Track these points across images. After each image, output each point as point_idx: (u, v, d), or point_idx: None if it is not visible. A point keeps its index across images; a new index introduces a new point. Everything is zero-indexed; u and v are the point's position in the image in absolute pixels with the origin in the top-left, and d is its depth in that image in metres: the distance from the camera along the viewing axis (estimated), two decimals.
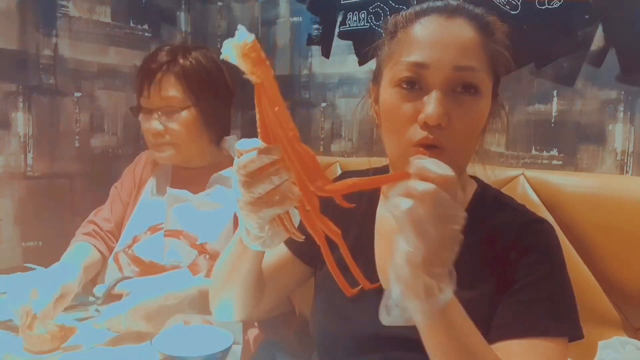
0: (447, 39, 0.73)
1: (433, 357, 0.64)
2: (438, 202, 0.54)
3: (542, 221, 0.83)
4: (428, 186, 0.54)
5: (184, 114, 1.29)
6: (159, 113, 1.29)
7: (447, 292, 0.57)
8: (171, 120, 1.29)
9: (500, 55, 0.78)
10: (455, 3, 0.78)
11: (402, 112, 0.74)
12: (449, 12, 0.76)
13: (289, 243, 1.00)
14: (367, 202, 0.92)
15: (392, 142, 0.77)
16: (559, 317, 0.75)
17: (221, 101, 1.37)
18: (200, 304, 1.03)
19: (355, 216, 0.90)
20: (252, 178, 0.61)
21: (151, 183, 1.41)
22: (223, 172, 1.34)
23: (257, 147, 0.61)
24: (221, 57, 0.58)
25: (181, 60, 1.30)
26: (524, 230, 0.79)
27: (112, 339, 1.02)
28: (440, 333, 0.62)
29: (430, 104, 0.71)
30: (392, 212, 0.56)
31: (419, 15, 0.77)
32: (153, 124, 1.29)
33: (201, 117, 1.31)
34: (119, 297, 1.10)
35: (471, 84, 0.73)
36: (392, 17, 0.82)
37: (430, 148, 0.72)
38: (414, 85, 0.74)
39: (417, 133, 0.73)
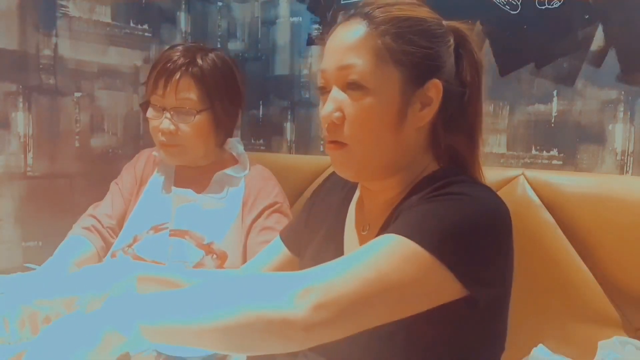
0: (336, 43, 0.81)
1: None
2: None
3: (460, 183, 0.75)
4: None
5: (197, 117, 1.28)
6: (172, 113, 1.28)
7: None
8: (183, 121, 1.28)
9: (388, 45, 0.77)
10: (362, 5, 0.82)
11: (321, 114, 0.82)
12: (349, 16, 0.82)
13: (287, 240, 1.01)
14: (345, 194, 0.95)
15: None
16: (426, 232, 0.68)
17: (233, 105, 1.36)
18: None
19: (332, 207, 0.94)
20: None
21: (153, 182, 1.41)
22: (227, 171, 1.34)
23: None
24: None
25: (200, 62, 1.29)
26: (437, 188, 0.74)
27: None
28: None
29: (325, 104, 0.80)
30: None
31: (333, 28, 0.84)
32: (165, 123, 1.28)
33: (212, 121, 1.31)
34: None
35: (353, 81, 0.78)
36: None
37: (336, 144, 0.80)
38: (325, 89, 0.82)
39: (325, 131, 0.82)
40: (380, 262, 0.66)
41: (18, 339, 0.81)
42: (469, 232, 0.69)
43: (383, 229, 0.80)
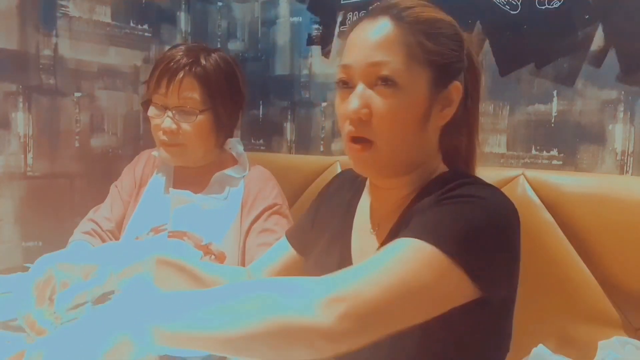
0: (365, 39, 0.80)
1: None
2: None
3: (474, 183, 0.78)
4: None
5: (199, 116, 1.28)
6: (174, 112, 1.28)
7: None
8: (185, 120, 1.28)
9: (423, 45, 0.78)
10: (386, 3, 0.83)
11: (340, 110, 0.82)
12: (373, 14, 0.82)
13: (293, 241, 1.01)
14: (352, 194, 0.95)
15: (342, 136, 0.84)
16: (444, 234, 0.68)
17: (234, 106, 1.36)
18: None
19: (339, 208, 0.94)
20: None
21: (153, 183, 1.41)
22: (226, 171, 1.34)
23: None
24: None
25: (203, 62, 1.29)
26: (451, 187, 0.75)
27: None
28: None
29: (351, 100, 0.79)
30: None
31: (354, 24, 0.84)
32: (167, 122, 1.28)
33: (214, 121, 1.31)
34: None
35: (386, 77, 0.77)
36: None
37: (360, 141, 0.79)
38: (347, 84, 0.81)
39: (347, 127, 0.80)
40: (402, 267, 0.66)
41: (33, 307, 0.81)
42: (484, 234, 0.70)
43: (395, 230, 0.81)
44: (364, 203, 0.92)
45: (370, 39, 0.79)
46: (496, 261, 0.72)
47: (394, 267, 0.66)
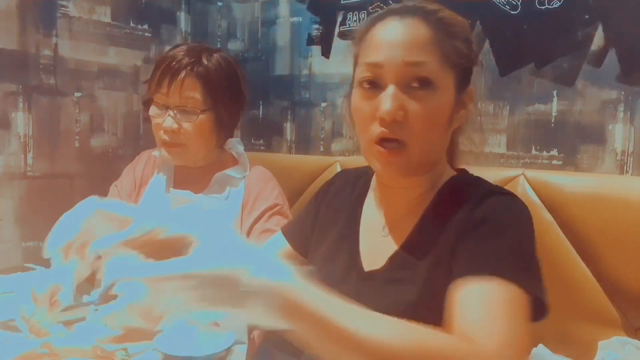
0: (399, 38, 0.78)
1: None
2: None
3: (508, 193, 0.81)
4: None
5: (200, 116, 1.28)
6: (175, 111, 1.28)
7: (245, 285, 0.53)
8: (186, 120, 1.28)
9: (455, 48, 0.79)
10: (411, 4, 0.83)
11: (364, 110, 0.79)
12: (402, 13, 0.80)
13: (291, 237, 1.01)
14: (357, 194, 0.94)
15: (360, 138, 0.82)
16: (515, 263, 0.72)
17: (235, 106, 1.36)
18: None
19: (344, 208, 0.93)
20: None
21: (153, 183, 1.41)
22: (227, 171, 1.34)
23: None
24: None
25: (205, 62, 1.29)
26: (484, 198, 0.78)
27: (111, 338, 1.02)
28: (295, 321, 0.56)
29: (385, 101, 0.76)
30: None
31: (377, 19, 0.82)
32: (168, 122, 1.28)
33: (215, 121, 1.31)
34: (115, 297, 1.10)
35: (424, 78, 0.76)
36: (360, 24, 0.86)
37: (390, 143, 0.77)
38: (373, 84, 0.78)
39: (377, 129, 0.77)
40: (515, 314, 0.68)
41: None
42: (536, 259, 0.75)
43: (418, 234, 0.81)
44: (371, 203, 0.91)
45: (404, 38, 0.77)
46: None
47: (510, 314, 0.68)
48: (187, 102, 1.27)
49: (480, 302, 0.69)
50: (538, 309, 0.71)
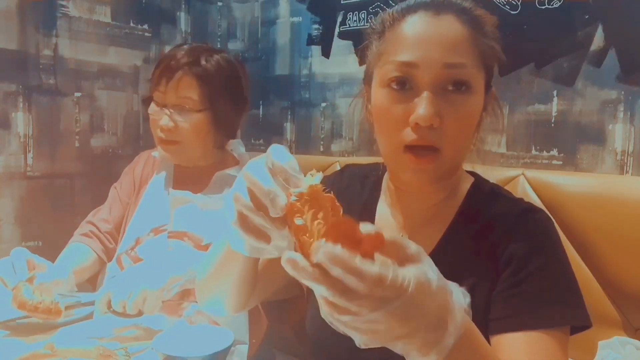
0: (436, 36, 0.72)
1: None
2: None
3: (538, 210, 0.80)
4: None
5: (197, 115, 1.29)
6: (171, 110, 1.29)
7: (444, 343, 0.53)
8: (182, 118, 1.29)
9: (491, 48, 0.76)
10: (462, 4, 0.77)
11: (393, 113, 0.73)
12: (436, 8, 0.74)
13: None
14: (368, 195, 0.91)
15: (385, 142, 0.76)
16: (563, 304, 0.73)
17: (235, 108, 1.36)
18: None
19: (354, 209, 0.89)
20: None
21: (153, 183, 1.41)
22: (228, 171, 1.34)
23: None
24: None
25: (203, 63, 1.29)
26: (519, 220, 0.77)
27: (111, 339, 1.02)
28: None
29: (422, 105, 0.70)
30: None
31: (406, 12, 0.75)
32: (164, 120, 1.29)
33: (212, 121, 1.31)
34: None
35: (462, 81, 0.72)
36: (379, 15, 0.80)
37: (424, 149, 0.72)
38: (404, 85, 0.72)
39: (409, 135, 0.72)
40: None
41: None
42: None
43: (447, 245, 0.79)
44: (384, 207, 0.87)
45: (441, 37, 0.71)
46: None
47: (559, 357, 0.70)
48: (183, 101, 1.28)
49: (531, 352, 0.69)
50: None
